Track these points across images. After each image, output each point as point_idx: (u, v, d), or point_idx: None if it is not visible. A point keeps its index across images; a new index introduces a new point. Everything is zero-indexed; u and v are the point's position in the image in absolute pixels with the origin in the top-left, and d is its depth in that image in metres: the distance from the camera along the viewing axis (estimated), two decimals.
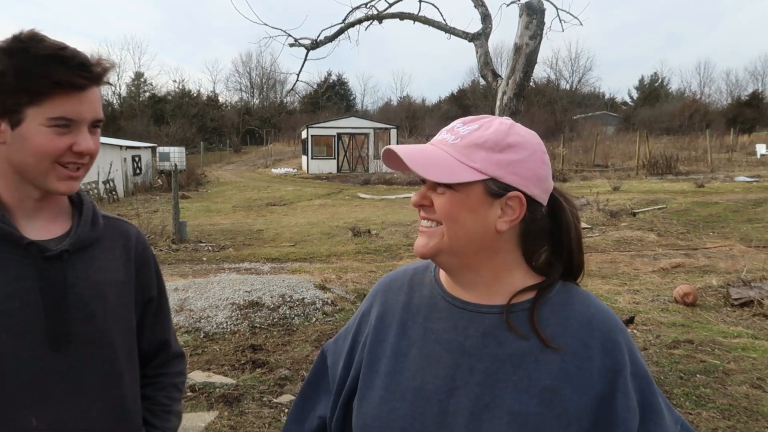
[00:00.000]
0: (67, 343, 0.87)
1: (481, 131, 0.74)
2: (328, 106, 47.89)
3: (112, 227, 1.00)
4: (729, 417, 2.95)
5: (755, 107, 39.27)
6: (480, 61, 3.88)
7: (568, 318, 0.74)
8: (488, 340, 0.74)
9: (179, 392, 1.10)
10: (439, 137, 0.78)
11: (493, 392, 0.72)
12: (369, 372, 0.82)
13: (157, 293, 1.06)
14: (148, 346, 1.05)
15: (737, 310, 4.82)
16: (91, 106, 0.86)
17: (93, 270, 0.92)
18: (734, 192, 12.97)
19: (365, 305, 0.91)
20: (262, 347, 4.06)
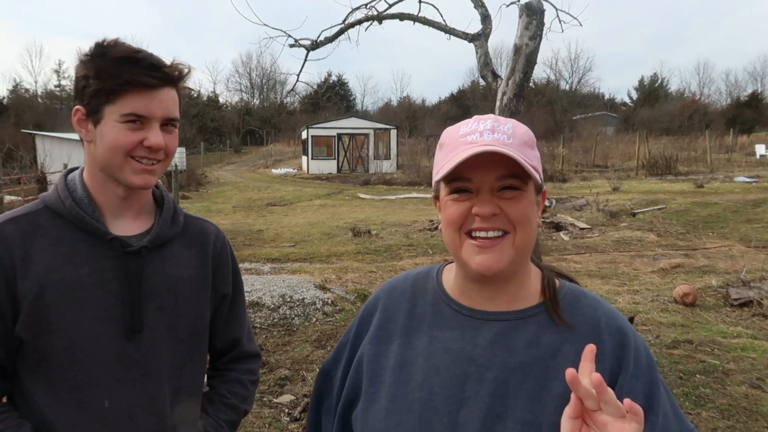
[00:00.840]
0: (139, 332, 0.93)
1: (518, 129, 0.74)
2: (328, 107, 47.90)
3: (192, 225, 1.06)
4: (728, 417, 2.96)
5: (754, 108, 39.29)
6: (480, 62, 3.89)
7: (576, 323, 0.73)
8: (497, 349, 0.73)
9: (244, 389, 1.11)
10: (488, 137, 0.71)
11: (504, 402, 0.70)
12: (373, 383, 0.79)
13: (232, 291, 1.10)
14: (220, 342, 1.10)
15: (737, 310, 4.83)
16: (162, 104, 0.91)
17: (169, 265, 0.98)
18: (734, 192, 12.97)
19: (364, 314, 0.88)
20: (263, 347, 4.07)
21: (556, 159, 21.10)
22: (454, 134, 0.75)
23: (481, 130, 0.72)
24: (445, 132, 0.79)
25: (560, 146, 21.88)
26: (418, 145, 26.38)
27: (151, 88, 0.89)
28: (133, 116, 0.89)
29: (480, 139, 0.71)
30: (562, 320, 0.73)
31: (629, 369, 0.71)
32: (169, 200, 1.05)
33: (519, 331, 0.74)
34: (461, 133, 0.74)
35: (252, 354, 1.16)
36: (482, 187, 0.71)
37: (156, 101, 0.90)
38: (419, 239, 8.88)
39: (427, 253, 7.72)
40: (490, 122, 0.74)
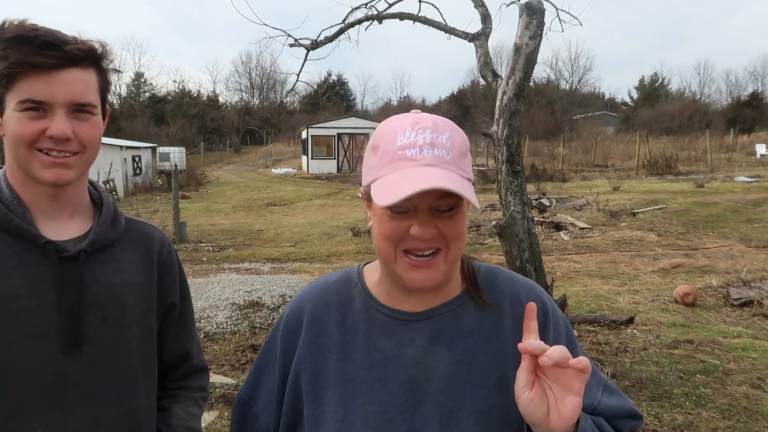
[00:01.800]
0: (79, 347, 0.83)
1: (455, 137, 0.70)
2: (328, 107, 47.92)
3: (135, 229, 0.96)
4: (729, 417, 2.96)
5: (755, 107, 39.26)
6: (480, 62, 3.88)
7: (498, 300, 0.77)
8: (437, 347, 0.73)
9: (199, 408, 1.04)
10: (428, 153, 0.68)
11: (455, 396, 0.71)
12: (316, 405, 0.74)
13: (180, 300, 1.01)
14: (168, 356, 1.01)
15: (737, 310, 4.82)
16: (66, 87, 0.79)
17: (111, 272, 0.89)
18: (734, 192, 12.97)
19: (286, 330, 0.81)
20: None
21: (556, 159, 21.10)
22: (391, 142, 0.70)
23: (421, 145, 0.68)
24: (379, 131, 0.73)
25: (560, 146, 21.88)
26: None
27: (50, 69, 0.78)
28: (30, 102, 0.78)
29: (420, 156, 0.67)
30: (486, 303, 0.76)
31: (551, 333, 0.76)
32: (108, 201, 0.95)
33: (453, 324, 0.75)
34: (399, 145, 0.69)
35: (201, 368, 1.08)
36: (420, 208, 0.68)
37: (57, 84, 0.78)
38: None
39: None
40: (428, 133, 0.69)
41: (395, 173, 0.68)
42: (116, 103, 46.92)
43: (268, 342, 0.84)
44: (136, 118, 40.48)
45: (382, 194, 0.67)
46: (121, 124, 37.75)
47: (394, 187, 0.66)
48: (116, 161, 17.95)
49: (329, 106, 48.09)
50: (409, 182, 0.65)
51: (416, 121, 0.70)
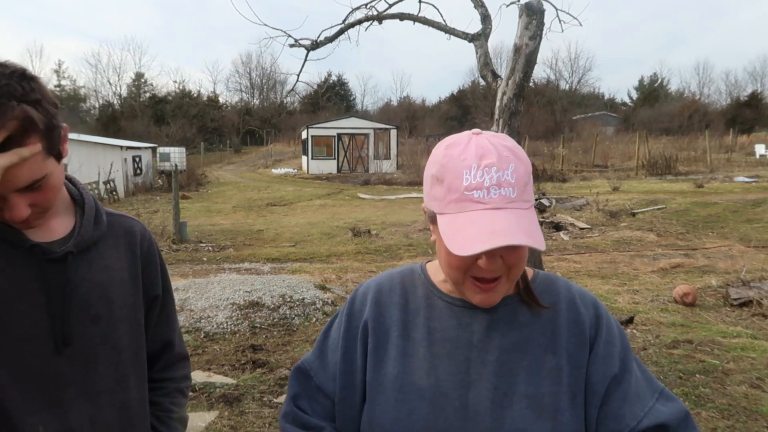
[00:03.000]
0: (67, 346, 0.84)
1: (519, 168, 0.72)
2: (328, 107, 47.92)
3: (116, 224, 0.96)
4: (728, 417, 2.96)
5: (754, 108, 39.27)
6: (480, 62, 3.89)
7: (554, 303, 0.81)
8: (494, 333, 0.78)
9: (184, 397, 1.07)
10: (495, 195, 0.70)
11: (508, 380, 0.76)
12: (376, 375, 0.81)
13: (162, 292, 1.03)
14: (151, 347, 1.02)
15: (736, 310, 4.83)
16: (9, 180, 0.73)
17: (97, 270, 0.89)
18: (733, 192, 12.98)
19: (351, 310, 0.87)
20: (263, 347, 4.07)
21: (556, 159, 21.10)
22: (456, 180, 0.71)
23: (488, 186, 0.70)
24: (443, 163, 0.73)
25: (560, 146, 21.88)
26: (418, 145, 26.39)
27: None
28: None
29: (487, 198, 0.70)
30: (540, 305, 0.80)
31: (604, 336, 0.79)
32: (89, 198, 0.94)
33: (510, 315, 0.79)
34: (466, 186, 0.70)
35: (184, 356, 1.09)
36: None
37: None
38: (419, 239, 8.88)
39: (427, 253, 7.72)
40: (494, 171, 0.70)
41: (462, 214, 0.71)
42: (116, 103, 46.98)
43: (335, 322, 0.90)
44: (136, 118, 40.49)
45: (452, 240, 0.70)
46: (121, 124, 37.77)
47: (464, 236, 0.69)
48: (116, 161, 17.97)
49: (329, 107, 48.08)
50: (480, 233, 0.68)
51: (481, 155, 0.71)
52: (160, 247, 8.57)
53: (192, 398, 3.23)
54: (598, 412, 0.77)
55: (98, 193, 16.03)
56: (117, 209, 1.06)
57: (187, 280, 5.77)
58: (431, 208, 0.76)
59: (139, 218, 1.02)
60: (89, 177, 15.93)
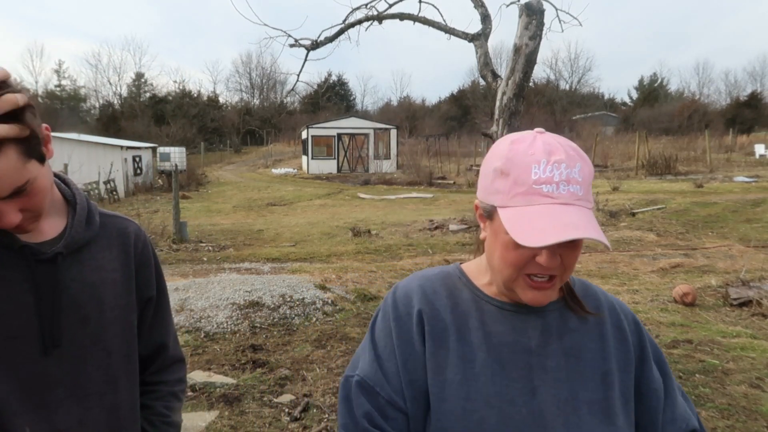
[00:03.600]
0: (56, 347, 0.84)
1: (585, 167, 0.72)
2: (328, 107, 47.92)
3: (109, 225, 0.95)
4: (728, 416, 2.96)
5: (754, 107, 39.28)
6: (480, 62, 3.89)
7: (597, 307, 0.82)
8: (549, 337, 0.77)
9: (178, 401, 1.05)
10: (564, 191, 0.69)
11: (568, 386, 0.75)
12: (437, 382, 0.76)
13: (156, 293, 1.01)
14: (145, 349, 1.00)
15: (736, 309, 4.83)
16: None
17: (88, 271, 0.88)
18: (733, 192, 12.98)
19: (399, 314, 0.81)
20: (263, 347, 4.07)
21: None
22: (525, 173, 0.70)
23: (557, 182, 0.69)
24: (509, 157, 0.72)
25: None
26: (418, 145, 26.40)
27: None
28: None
29: (556, 193, 0.69)
30: (587, 311, 0.80)
31: (648, 344, 0.82)
32: (82, 198, 0.92)
33: (561, 320, 0.79)
34: (535, 179, 0.70)
35: (179, 359, 1.07)
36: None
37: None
38: (419, 239, 8.88)
39: (427, 253, 7.72)
40: (564, 168, 0.70)
41: (530, 207, 0.69)
42: (117, 103, 46.97)
43: (379, 328, 0.82)
44: (136, 118, 40.50)
45: (521, 232, 0.68)
46: (121, 124, 37.78)
47: (533, 228, 0.67)
48: (116, 161, 17.97)
49: (329, 107, 48.08)
50: (551, 225, 0.67)
51: (550, 151, 0.71)
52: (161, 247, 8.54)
53: (192, 398, 3.23)
54: (660, 417, 0.79)
55: (98, 193, 16.03)
56: (117, 209, 1.06)
57: (187, 279, 5.77)
58: (490, 202, 0.74)
59: (139, 218, 1.00)
60: (89, 177, 15.93)
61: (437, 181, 19.16)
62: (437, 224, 9.82)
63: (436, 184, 18.58)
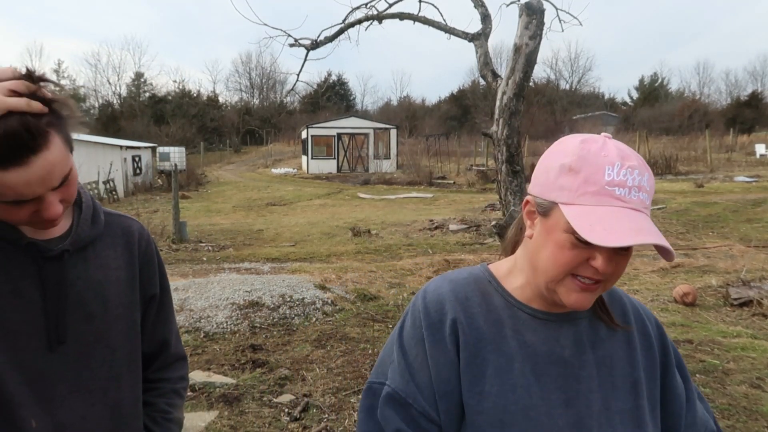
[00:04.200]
0: (61, 344, 0.85)
1: (651, 178, 0.72)
2: (328, 106, 47.92)
3: (114, 224, 0.97)
4: (728, 416, 2.96)
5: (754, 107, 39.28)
6: (480, 61, 3.89)
7: (624, 314, 0.82)
8: (582, 347, 0.77)
9: (180, 398, 1.06)
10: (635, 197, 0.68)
11: (602, 396, 0.75)
12: (474, 394, 0.74)
13: (159, 291, 1.02)
14: (148, 346, 1.01)
15: (737, 309, 4.82)
16: (45, 178, 0.75)
17: (93, 269, 0.90)
18: (734, 192, 12.98)
19: (431, 321, 0.78)
20: (262, 347, 4.07)
21: None
22: (598, 173, 0.69)
23: (630, 186, 0.68)
24: (581, 155, 0.71)
25: None
26: (418, 144, 26.40)
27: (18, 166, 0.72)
28: (13, 203, 0.76)
29: (628, 197, 0.68)
30: (616, 324, 0.79)
31: (670, 348, 0.83)
32: (87, 197, 0.94)
33: (592, 329, 0.79)
34: (608, 180, 0.68)
35: (181, 357, 1.09)
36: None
37: (35, 179, 0.74)
38: (419, 239, 8.88)
39: (427, 253, 7.72)
40: (636, 174, 0.69)
41: (601, 208, 0.68)
42: (116, 103, 46.97)
43: (409, 335, 0.79)
44: (136, 118, 40.51)
45: (590, 230, 0.66)
46: (121, 124, 37.78)
47: (604, 228, 0.66)
48: (116, 161, 17.96)
49: (329, 106, 48.08)
50: (625, 228, 0.65)
51: (624, 156, 0.70)
52: (160, 246, 8.55)
53: (192, 398, 3.23)
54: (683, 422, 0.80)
55: (98, 193, 16.03)
56: (117, 209, 1.06)
57: (186, 279, 5.77)
58: (551, 199, 0.72)
59: (138, 218, 1.01)
60: (89, 177, 15.92)
61: (437, 181, 19.16)
62: (437, 224, 9.82)
63: (436, 184, 18.58)
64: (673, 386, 0.81)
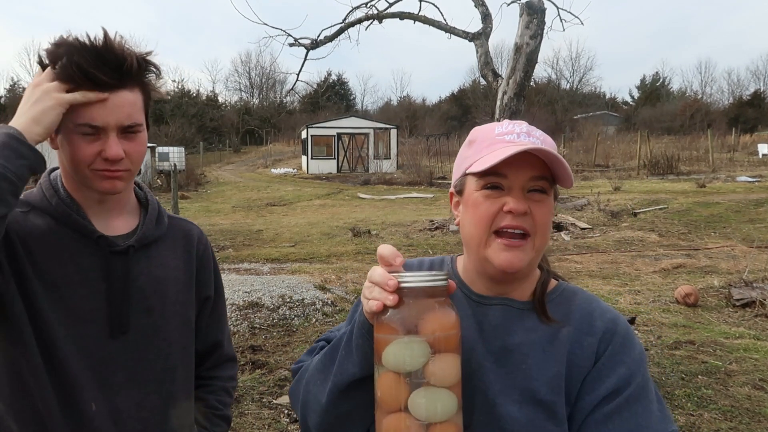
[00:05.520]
0: (124, 333, 0.90)
1: (547, 138, 0.79)
2: (328, 106, 47.91)
3: (176, 227, 1.04)
4: (731, 418, 2.94)
5: (757, 107, 39.27)
6: (480, 61, 3.87)
7: (567, 314, 0.79)
8: (501, 330, 0.79)
9: (230, 397, 1.12)
10: (524, 138, 0.76)
11: (504, 379, 0.75)
12: None
13: (214, 294, 1.08)
14: (201, 345, 1.07)
15: (739, 310, 4.80)
16: (118, 111, 0.84)
17: (155, 266, 0.96)
18: (736, 192, 12.94)
19: None
20: (262, 348, 4.05)
21: None
22: (489, 132, 0.79)
23: (518, 132, 0.77)
24: (475, 130, 0.82)
25: (561, 146, 21.86)
26: (418, 144, 26.37)
27: (107, 90, 0.83)
28: (88, 127, 0.83)
29: (518, 140, 0.75)
30: (549, 318, 0.78)
31: (611, 353, 0.74)
32: (153, 201, 1.02)
33: (519, 318, 0.79)
34: (497, 132, 0.78)
35: (231, 358, 1.15)
36: (514, 185, 0.74)
37: (111, 108, 0.83)
38: (419, 239, 8.86)
39: (428, 253, 7.70)
40: (525, 126, 0.79)
41: (494, 153, 0.74)
42: None
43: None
44: None
45: (481, 164, 0.73)
46: None
47: (495, 156, 0.73)
48: None
49: (329, 106, 48.07)
50: (509, 149, 0.72)
51: (514, 123, 0.80)
52: None
53: None
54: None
55: None
56: None
57: None
58: (461, 173, 0.80)
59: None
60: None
61: (437, 181, 19.14)
62: (438, 224, 9.80)
63: (437, 184, 18.56)
64: (582, 405, 0.73)
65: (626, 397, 0.72)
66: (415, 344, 0.61)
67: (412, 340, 0.61)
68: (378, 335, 0.65)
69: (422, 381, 0.61)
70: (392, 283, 0.63)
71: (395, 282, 0.63)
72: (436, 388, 0.61)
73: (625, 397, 0.72)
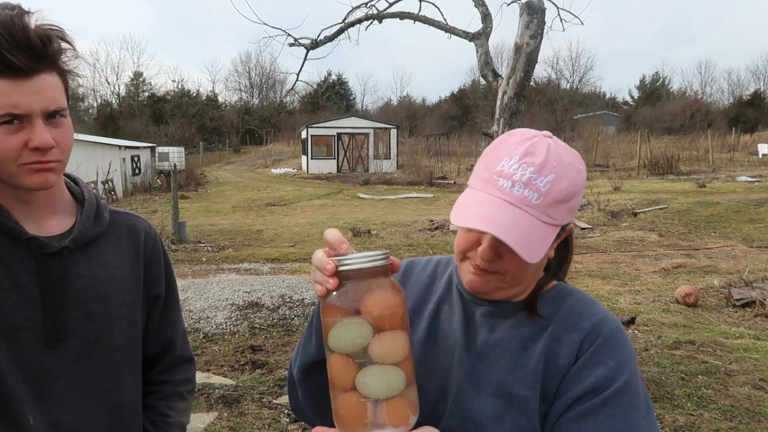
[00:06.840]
0: (61, 341, 0.84)
1: (559, 182, 0.69)
2: (328, 106, 47.92)
3: (120, 222, 0.95)
4: (731, 418, 2.94)
5: (757, 107, 39.27)
6: (480, 61, 3.87)
7: (555, 312, 0.78)
8: (484, 326, 0.79)
9: (184, 401, 1.03)
10: (518, 192, 0.69)
11: (480, 374, 0.76)
12: None
13: (165, 291, 1.01)
14: (152, 347, 1.00)
15: (739, 310, 4.80)
16: (41, 96, 0.76)
17: (96, 267, 0.88)
18: (736, 192, 12.94)
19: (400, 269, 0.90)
20: (262, 348, 4.05)
21: None
22: (495, 162, 0.72)
23: (516, 180, 0.69)
24: (497, 142, 0.75)
25: None
26: (418, 144, 26.37)
27: (26, 76, 0.75)
28: (9, 116, 0.75)
29: (509, 189, 0.69)
30: (535, 312, 0.78)
31: (592, 353, 0.71)
32: (90, 195, 0.94)
33: (508, 316, 0.79)
34: (498, 168, 0.70)
35: (187, 359, 1.06)
36: (482, 238, 0.74)
37: (33, 93, 0.76)
38: (419, 239, 8.86)
39: (428, 253, 7.69)
40: (530, 171, 0.68)
41: (481, 194, 0.72)
42: (115, 102, 47.00)
43: None
44: (134, 117, 40.52)
45: (455, 210, 0.72)
46: (119, 123, 37.81)
47: (465, 211, 0.71)
48: (115, 161, 17.95)
49: (329, 106, 48.07)
50: (479, 215, 0.69)
51: (529, 153, 0.70)
52: None
53: None
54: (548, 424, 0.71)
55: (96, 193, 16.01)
56: None
57: (186, 280, 5.75)
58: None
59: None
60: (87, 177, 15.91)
61: (437, 181, 19.14)
62: (438, 224, 9.80)
63: (437, 184, 18.56)
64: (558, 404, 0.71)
65: (603, 398, 0.68)
66: (355, 325, 0.62)
67: (350, 321, 0.62)
68: (324, 319, 0.66)
69: (367, 360, 0.62)
70: (330, 267, 0.63)
71: (333, 266, 0.63)
72: (382, 366, 0.62)
73: (602, 399, 0.68)
